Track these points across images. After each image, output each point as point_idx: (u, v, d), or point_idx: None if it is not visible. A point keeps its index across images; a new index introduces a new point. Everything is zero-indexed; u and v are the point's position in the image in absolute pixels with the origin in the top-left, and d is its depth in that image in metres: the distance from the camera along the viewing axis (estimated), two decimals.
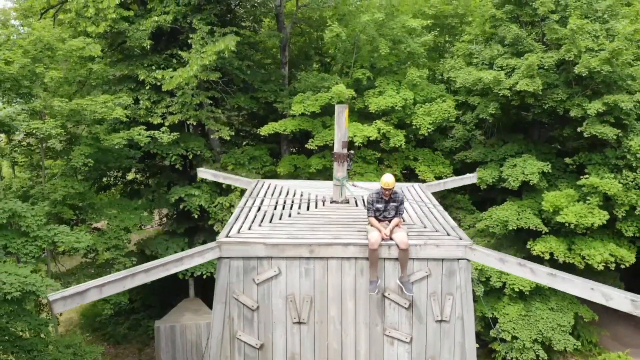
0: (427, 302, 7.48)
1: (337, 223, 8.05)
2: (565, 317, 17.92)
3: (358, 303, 7.48)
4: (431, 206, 9.01)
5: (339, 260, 7.40)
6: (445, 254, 7.38)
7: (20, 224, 13.33)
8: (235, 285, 7.43)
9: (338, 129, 8.61)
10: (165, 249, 20.16)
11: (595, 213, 16.30)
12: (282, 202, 8.98)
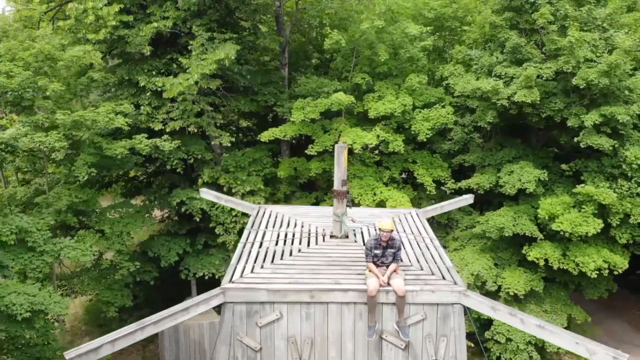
0: (422, 343, 7.82)
1: (337, 264, 8.33)
2: (558, 319, 18.38)
3: (357, 345, 7.82)
4: (428, 241, 9.28)
5: (338, 305, 7.71)
6: (441, 299, 7.69)
7: (27, 239, 13.62)
8: (239, 327, 7.76)
9: (338, 168, 8.82)
10: (168, 250, 20.50)
11: (590, 222, 16.60)
12: (283, 237, 9.24)
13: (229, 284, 7.69)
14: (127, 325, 7.28)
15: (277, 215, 10.37)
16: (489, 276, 18.06)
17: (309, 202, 21.36)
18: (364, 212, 10.92)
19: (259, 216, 10.35)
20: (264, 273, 8.05)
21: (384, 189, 19.54)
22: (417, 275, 8.06)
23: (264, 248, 8.90)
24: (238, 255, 8.66)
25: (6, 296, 11.51)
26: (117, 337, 6.75)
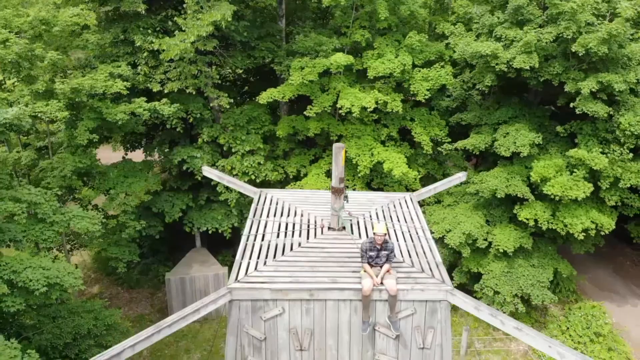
0: (411, 334, 8.66)
1: (334, 260, 9.00)
2: (545, 274, 19.49)
3: (352, 335, 8.66)
4: (420, 232, 9.91)
5: (335, 302, 8.46)
6: (429, 296, 8.43)
7: (37, 211, 14.22)
8: (245, 320, 8.55)
9: (336, 167, 9.26)
10: (171, 206, 21.23)
11: (580, 186, 17.20)
12: (283, 228, 9.85)
13: (235, 284, 8.39)
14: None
15: (278, 202, 10.92)
16: (479, 234, 18.91)
17: (308, 160, 21.85)
18: (361, 197, 11.45)
19: (260, 203, 10.90)
20: (266, 271, 8.73)
21: (382, 149, 19.95)
22: (408, 273, 8.76)
23: (266, 241, 9.52)
24: (242, 249, 9.30)
25: (22, 272, 12.26)
26: (136, 341, 7.53)
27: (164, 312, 21.94)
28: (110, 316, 16.28)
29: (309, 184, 20.34)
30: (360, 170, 19.77)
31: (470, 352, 19.74)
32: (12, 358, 10.88)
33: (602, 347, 19.05)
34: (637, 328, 21.08)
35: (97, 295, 23.39)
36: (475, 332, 20.68)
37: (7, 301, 12.08)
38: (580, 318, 20.13)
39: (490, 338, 20.41)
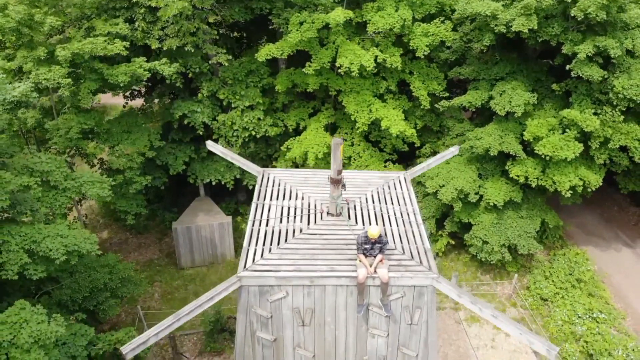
0: (401, 312, 9.89)
1: (333, 248, 10.03)
2: (532, 224, 20.73)
3: (348, 313, 9.89)
4: (412, 216, 10.88)
5: (334, 287, 9.60)
6: (417, 282, 9.55)
7: (49, 179, 15.07)
8: (253, 302, 9.74)
9: (334, 160, 10.04)
10: (175, 159, 22.07)
11: (571, 146, 17.97)
12: (286, 213, 10.80)
13: (244, 272, 9.47)
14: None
15: (280, 184, 11.78)
16: (471, 189, 19.91)
17: (307, 113, 22.37)
18: (357, 178, 12.28)
19: (264, 185, 11.77)
20: (271, 259, 9.79)
21: (380, 106, 20.45)
22: (399, 260, 9.82)
23: (270, 227, 10.51)
24: (249, 235, 10.30)
25: (42, 241, 13.32)
26: (159, 330, 8.73)
27: (172, 257, 23.47)
28: (124, 270, 17.62)
29: (308, 138, 21.03)
30: (358, 127, 20.40)
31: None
32: (40, 323, 12.20)
33: (582, 293, 20.71)
34: (618, 274, 22.68)
35: (106, 240, 24.81)
36: (463, 277, 22.32)
37: (30, 269, 13.25)
38: (563, 265, 21.68)
39: (477, 282, 22.08)
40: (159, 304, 21.38)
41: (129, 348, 8.54)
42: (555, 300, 20.63)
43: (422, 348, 10.30)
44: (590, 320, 19.52)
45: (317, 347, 10.28)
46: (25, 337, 11.76)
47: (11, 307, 12.42)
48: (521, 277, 22.17)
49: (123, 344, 15.46)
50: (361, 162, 21.89)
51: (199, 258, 22.73)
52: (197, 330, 20.22)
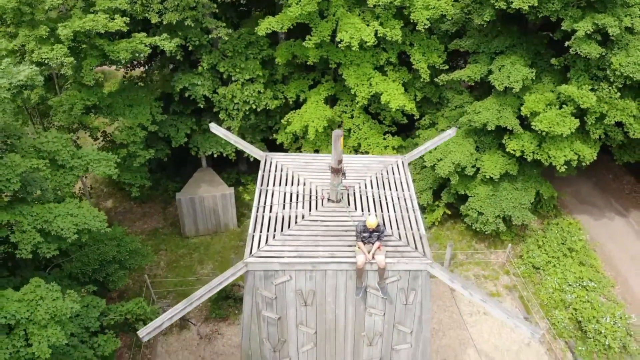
0: (397, 293, 10.63)
1: (333, 234, 10.66)
2: (527, 196, 21.40)
3: (347, 294, 10.63)
4: (409, 202, 11.47)
5: (334, 271, 10.29)
6: (412, 267, 10.24)
7: (56, 158, 15.56)
8: (259, 285, 10.46)
9: (335, 151, 10.53)
10: (176, 131, 22.49)
11: (567, 121, 18.39)
12: (288, 199, 11.39)
13: (250, 259, 10.14)
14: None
15: (282, 169, 12.31)
16: (468, 162, 20.44)
17: (307, 85, 22.62)
18: (357, 163, 12.78)
19: (267, 170, 12.30)
20: (275, 245, 10.44)
21: (380, 79, 20.70)
22: (395, 246, 10.47)
23: (274, 213, 11.11)
24: (253, 221, 10.92)
25: (53, 221, 13.95)
26: (173, 314, 9.45)
27: (176, 226, 24.25)
28: (131, 242, 18.36)
29: (308, 112, 21.38)
30: (358, 101, 20.72)
31: (453, 263, 22.38)
32: (55, 300, 12.97)
33: (573, 262, 21.59)
34: (610, 242, 23.53)
35: (111, 209, 25.52)
36: (458, 245, 23.18)
37: (43, 248, 13.94)
38: (556, 234, 22.49)
39: (472, 250, 22.95)
40: (164, 271, 22.29)
41: (145, 332, 9.30)
42: (547, 268, 21.53)
43: (416, 325, 11.11)
44: (580, 288, 20.46)
45: (318, 324, 11.09)
46: (42, 314, 12.52)
47: (27, 285, 13.15)
48: (515, 245, 23.02)
49: (133, 314, 16.44)
50: (361, 135, 22.34)
51: (202, 227, 23.49)
52: None
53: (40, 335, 12.47)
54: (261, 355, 11.48)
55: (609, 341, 18.60)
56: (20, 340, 12.43)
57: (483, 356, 18.86)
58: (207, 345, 19.60)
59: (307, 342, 11.37)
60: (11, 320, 12.29)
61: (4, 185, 13.06)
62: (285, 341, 11.34)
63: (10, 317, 12.29)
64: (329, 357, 11.64)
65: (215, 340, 19.76)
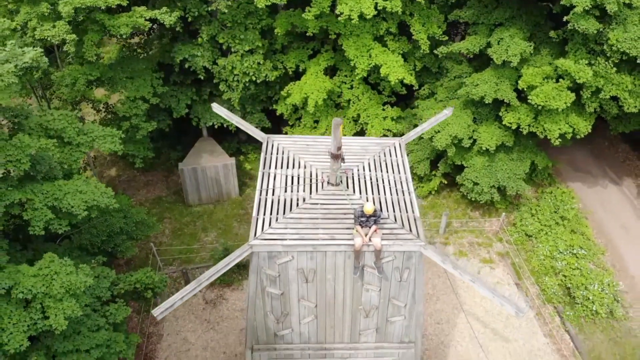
0: (392, 271, 11.44)
1: (333, 217, 11.36)
2: (522, 166, 22.05)
3: (346, 272, 11.44)
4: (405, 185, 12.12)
5: (333, 252, 11.06)
6: (407, 249, 11.00)
7: (62, 135, 16.07)
8: (263, 264, 11.25)
9: (334, 138, 11.09)
10: (177, 102, 22.91)
11: (563, 96, 18.81)
12: (289, 183, 12.04)
13: (255, 241, 10.89)
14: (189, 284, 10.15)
15: (283, 151, 12.88)
16: (465, 134, 20.97)
17: (306, 54, 22.83)
18: (355, 145, 13.33)
19: (268, 153, 12.89)
20: (278, 228, 11.15)
21: (380, 51, 20.92)
22: (391, 229, 11.19)
23: (276, 197, 11.78)
24: (257, 204, 11.61)
25: (63, 198, 14.61)
26: (183, 294, 10.27)
27: (179, 194, 24.99)
28: (137, 214, 19.12)
29: (308, 83, 21.72)
30: (358, 73, 21.02)
31: (448, 231, 23.26)
32: (69, 274, 13.78)
33: (565, 230, 22.46)
34: (603, 210, 24.36)
35: (115, 178, 26.19)
36: (454, 214, 24.01)
37: (54, 224, 14.65)
38: (549, 203, 23.27)
39: (467, 219, 23.78)
40: (169, 239, 23.17)
41: (159, 311, 10.14)
42: (539, 236, 22.42)
43: (410, 299, 11.98)
44: (570, 255, 21.40)
45: (318, 298, 11.95)
46: (57, 288, 13.35)
47: (41, 261, 13.94)
48: (509, 214, 23.84)
49: (142, 284, 17.33)
50: (360, 106, 22.75)
51: (205, 196, 24.23)
52: (207, 264, 22.12)
53: (57, 308, 13.33)
54: (265, 327, 12.42)
55: (596, 307, 19.67)
56: (37, 313, 13.31)
57: (474, 320, 19.98)
58: (213, 310, 20.67)
59: (308, 315, 12.27)
60: (28, 295, 13.14)
61: (14, 165, 13.66)
62: (288, 314, 12.23)
63: (27, 291, 13.14)
64: (329, 327, 12.57)
65: (220, 305, 20.82)
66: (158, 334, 19.93)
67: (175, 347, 19.50)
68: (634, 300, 20.93)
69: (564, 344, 19.36)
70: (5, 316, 13.07)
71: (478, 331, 19.63)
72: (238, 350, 19.50)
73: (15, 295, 13.02)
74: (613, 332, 19.80)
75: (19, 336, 12.85)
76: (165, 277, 18.18)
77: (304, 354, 13.02)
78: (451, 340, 19.53)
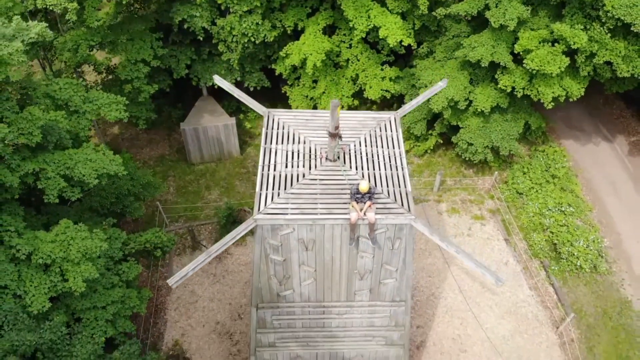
0: (384, 241, 12.55)
1: (330, 193, 12.33)
2: (516, 127, 22.83)
3: (342, 241, 12.56)
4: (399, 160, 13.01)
5: (331, 225, 12.11)
6: (398, 222, 12.05)
7: (69, 104, 16.76)
8: (267, 235, 12.35)
9: (332, 118, 11.87)
10: (177, 62, 23.36)
11: (557, 60, 19.31)
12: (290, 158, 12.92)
13: (259, 215, 11.92)
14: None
15: (284, 126, 13.68)
16: (461, 97, 21.59)
17: (305, 13, 23.04)
18: (352, 120, 14.06)
19: (269, 127, 13.68)
20: (280, 202, 12.15)
21: (378, 12, 21.17)
22: (384, 203, 12.18)
23: (278, 172, 12.70)
24: (260, 180, 12.55)
25: (75, 167, 15.51)
26: (195, 265, 11.39)
27: (182, 153, 25.87)
28: (144, 176, 20.08)
29: (306, 44, 22.08)
30: (356, 35, 21.36)
31: (442, 188, 24.33)
32: (84, 239, 14.91)
33: (555, 187, 23.53)
34: (593, 168, 25.32)
35: (118, 136, 26.96)
36: (448, 172, 25.01)
37: (67, 192, 15.63)
38: (541, 161, 24.21)
39: (461, 177, 24.78)
40: (174, 197, 24.28)
41: (174, 281, 11.30)
42: (530, 194, 23.51)
43: (401, 264, 13.17)
44: (558, 212, 22.57)
45: (317, 264, 13.13)
46: (74, 253, 14.53)
47: (57, 227, 15.03)
48: (502, 172, 24.83)
49: (152, 243, 18.54)
50: (359, 66, 23.21)
51: (207, 155, 25.12)
52: (212, 220, 23.35)
53: (75, 271, 14.58)
54: (269, 288, 13.67)
55: (580, 262, 21.04)
56: (56, 276, 14.57)
57: (463, 274, 21.40)
58: (218, 264, 22.05)
59: (308, 278, 13.50)
60: (47, 260, 14.34)
61: (27, 138, 14.48)
62: (290, 277, 13.45)
63: (46, 257, 14.33)
64: (327, 288, 13.83)
65: (225, 260, 22.19)
66: (167, 287, 21.39)
67: (183, 299, 21.01)
68: (618, 255, 22.28)
69: (547, 296, 20.88)
70: (27, 280, 14.33)
71: (467, 284, 21.09)
72: (243, 301, 21.05)
73: (35, 260, 14.23)
74: (596, 285, 21.26)
75: (40, 298, 14.16)
76: (173, 237, 19.42)
77: (304, 311, 14.36)
78: (441, 292, 21.03)
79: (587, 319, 20.30)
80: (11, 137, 13.69)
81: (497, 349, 19.28)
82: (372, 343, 14.97)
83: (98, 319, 15.88)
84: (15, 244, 14.11)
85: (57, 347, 14.09)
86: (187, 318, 20.41)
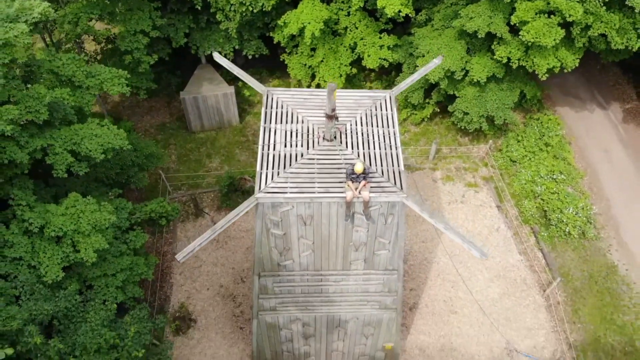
0: (378, 216, 13.40)
1: (327, 172, 13.07)
2: (511, 96, 23.33)
3: (339, 217, 13.41)
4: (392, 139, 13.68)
5: (328, 202, 12.92)
6: (391, 199, 12.85)
7: (73, 79, 17.24)
8: (267, 212, 13.19)
9: (329, 101, 12.47)
10: (175, 31, 23.61)
11: (553, 32, 19.65)
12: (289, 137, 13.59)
13: (260, 194, 12.71)
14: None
15: (282, 106, 14.27)
16: (458, 67, 22.00)
17: None
18: (348, 99, 14.61)
19: (269, 107, 14.28)
20: (280, 182, 12.91)
21: None
22: (378, 182, 12.94)
23: (277, 152, 13.40)
24: (260, 159, 13.26)
25: (81, 142, 16.18)
26: (201, 241, 12.26)
27: (182, 121, 26.44)
28: (147, 147, 20.74)
29: (304, 12, 22.28)
30: (355, 2, 21.55)
31: (437, 157, 25.05)
32: (94, 212, 15.74)
33: (548, 155, 24.25)
34: (587, 135, 25.98)
35: (119, 104, 27.43)
36: (444, 140, 25.66)
37: (75, 166, 16.35)
38: (535, 130, 24.83)
39: (456, 145, 25.45)
40: (176, 164, 25.03)
41: (181, 256, 12.20)
42: (523, 161, 24.26)
43: (394, 237, 14.08)
44: (550, 180, 23.38)
45: (315, 237, 14.03)
46: (85, 225, 15.41)
47: (67, 200, 15.85)
48: (496, 140, 25.49)
49: (157, 213, 19.40)
50: (357, 34, 23.48)
51: (207, 123, 25.70)
52: (214, 188, 24.18)
53: (86, 243, 15.49)
54: (270, 258, 14.62)
55: (569, 229, 22.00)
56: (68, 247, 15.48)
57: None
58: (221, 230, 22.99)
59: (307, 249, 14.43)
60: (59, 233, 15.22)
61: (34, 116, 15.08)
62: (289, 249, 14.38)
63: (58, 229, 15.21)
64: (324, 259, 14.79)
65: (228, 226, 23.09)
66: (172, 253, 22.43)
67: (188, 264, 22.10)
68: (606, 221, 23.24)
69: (536, 261, 21.97)
70: (40, 251, 15.26)
71: (458, 249, 22.10)
72: (245, 265, 22.14)
73: (47, 233, 15.11)
74: (583, 250, 22.31)
75: (54, 268, 15.13)
76: (177, 206, 20.27)
77: (303, 279, 15.38)
78: (434, 257, 22.10)
79: (574, 282, 21.43)
80: (19, 114, 14.27)
81: (486, 310, 20.49)
82: (367, 307, 16.08)
83: (109, 285, 16.93)
84: (27, 218, 14.96)
85: (72, 314, 15.16)
86: (192, 282, 21.54)
